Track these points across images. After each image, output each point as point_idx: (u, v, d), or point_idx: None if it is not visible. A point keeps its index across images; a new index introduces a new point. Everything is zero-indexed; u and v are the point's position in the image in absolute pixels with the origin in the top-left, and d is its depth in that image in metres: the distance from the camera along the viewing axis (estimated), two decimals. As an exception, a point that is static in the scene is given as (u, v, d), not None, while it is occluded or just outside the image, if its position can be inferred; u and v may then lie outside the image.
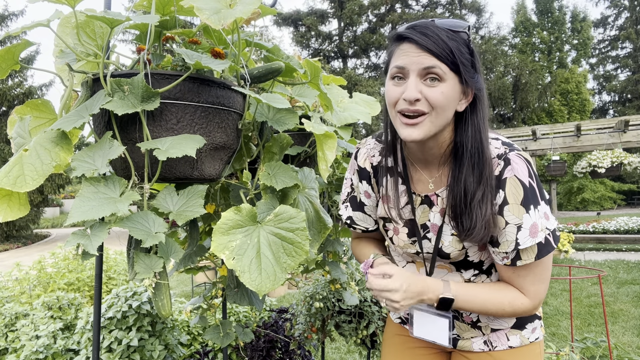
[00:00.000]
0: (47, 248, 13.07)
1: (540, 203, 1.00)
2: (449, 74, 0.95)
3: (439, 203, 1.09)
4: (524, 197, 0.98)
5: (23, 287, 4.23)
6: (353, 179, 1.24)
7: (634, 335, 4.18)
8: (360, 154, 1.23)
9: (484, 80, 1.04)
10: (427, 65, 0.94)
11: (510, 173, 0.98)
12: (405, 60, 0.96)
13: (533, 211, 0.98)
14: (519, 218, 0.98)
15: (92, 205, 0.88)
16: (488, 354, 1.16)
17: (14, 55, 1.04)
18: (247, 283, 0.96)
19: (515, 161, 0.99)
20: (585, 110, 28.03)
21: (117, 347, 2.25)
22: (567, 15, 31.64)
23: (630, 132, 9.60)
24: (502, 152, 1.01)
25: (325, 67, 22.03)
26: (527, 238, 0.98)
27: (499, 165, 1.00)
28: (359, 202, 1.23)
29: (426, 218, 1.11)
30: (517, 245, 0.98)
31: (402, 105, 0.98)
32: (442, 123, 0.98)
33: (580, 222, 13.80)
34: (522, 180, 0.98)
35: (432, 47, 0.93)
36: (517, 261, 1.01)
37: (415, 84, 0.95)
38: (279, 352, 2.61)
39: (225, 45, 1.19)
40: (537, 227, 0.98)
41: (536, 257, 1.00)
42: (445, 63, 0.94)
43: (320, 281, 2.30)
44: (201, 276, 5.95)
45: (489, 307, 1.05)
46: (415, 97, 0.95)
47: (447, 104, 0.96)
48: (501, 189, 0.99)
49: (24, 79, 17.50)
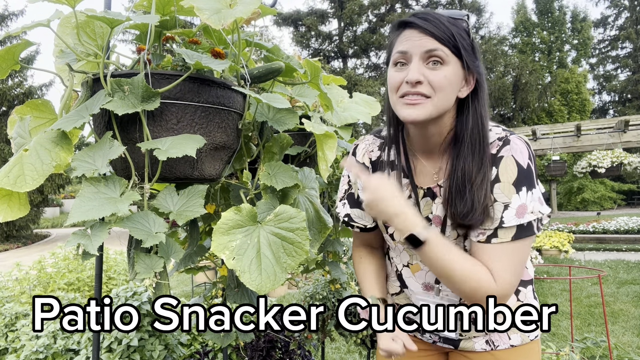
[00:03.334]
0: (47, 248, 13.06)
1: (536, 187, 0.99)
2: (451, 57, 0.96)
3: (441, 194, 1.09)
4: (517, 177, 0.98)
5: (23, 287, 4.23)
6: (350, 175, 1.23)
7: (634, 335, 4.18)
8: (358, 150, 1.23)
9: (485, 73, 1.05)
10: (429, 48, 0.95)
11: (508, 153, 0.99)
12: (408, 44, 0.97)
13: (525, 193, 0.97)
14: (508, 197, 0.97)
15: (93, 205, 0.88)
16: (490, 353, 1.15)
17: (14, 55, 1.04)
18: (247, 283, 0.96)
19: (515, 142, 1.00)
20: (585, 110, 28.03)
21: (117, 347, 2.25)
22: (567, 15, 31.63)
23: (630, 132, 9.59)
24: (503, 135, 1.02)
25: (325, 67, 22.03)
26: (513, 217, 0.97)
27: (497, 145, 1.01)
28: (356, 198, 1.22)
29: (429, 211, 1.11)
30: (502, 223, 0.97)
31: (404, 89, 0.98)
32: (443, 106, 0.99)
33: (580, 222, 13.80)
34: (519, 161, 0.98)
35: (434, 30, 0.95)
36: (492, 238, 0.99)
37: (418, 66, 0.96)
38: (279, 352, 2.61)
39: (225, 45, 1.19)
40: (526, 208, 0.97)
41: (513, 237, 0.97)
42: (447, 46, 0.95)
43: (320, 281, 2.31)
44: (201, 276, 5.95)
45: (454, 272, 0.97)
46: (418, 79, 0.96)
47: (449, 87, 0.97)
48: (495, 166, 1.00)
49: (24, 79, 17.49)
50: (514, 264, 0.99)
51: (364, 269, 1.27)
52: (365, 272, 1.26)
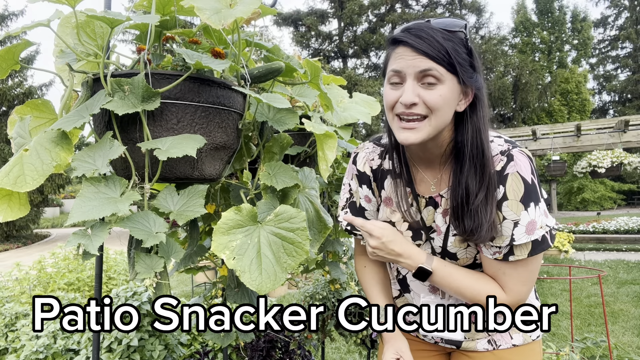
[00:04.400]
0: (47, 248, 13.06)
1: (541, 200, 0.99)
2: (447, 75, 0.94)
3: (442, 204, 1.09)
4: (525, 194, 0.97)
5: (23, 287, 4.23)
6: (351, 184, 1.22)
7: (634, 335, 4.18)
8: (359, 158, 1.21)
9: (484, 79, 1.04)
10: (423, 68, 0.93)
11: (513, 169, 0.98)
12: (402, 64, 0.95)
13: (532, 208, 0.97)
14: (517, 214, 0.97)
15: (93, 205, 0.88)
16: (492, 353, 1.16)
17: (14, 55, 1.04)
18: (248, 283, 0.96)
19: (518, 157, 0.99)
20: (585, 110, 28.02)
21: (117, 347, 2.25)
22: (567, 15, 31.63)
23: (630, 132, 9.60)
24: (505, 148, 1.01)
25: (325, 67, 22.02)
26: (523, 235, 0.97)
27: (502, 162, 0.99)
28: (358, 207, 1.21)
29: (432, 220, 1.11)
30: (512, 241, 0.98)
31: (399, 109, 0.97)
32: (440, 125, 0.98)
33: (580, 222, 13.80)
34: (524, 177, 0.97)
35: (428, 49, 0.92)
36: (509, 256, 1.00)
37: (412, 87, 0.94)
38: (279, 352, 2.61)
39: (225, 45, 1.19)
40: (535, 224, 0.97)
41: (529, 253, 0.99)
42: (442, 65, 0.93)
43: (320, 281, 2.31)
44: (201, 276, 5.94)
45: (465, 293, 1.06)
46: (412, 102, 0.94)
47: (445, 106, 0.96)
48: (501, 184, 0.99)
49: (24, 79, 17.49)
50: (527, 276, 1.03)
51: (369, 277, 1.27)
52: (371, 281, 1.27)
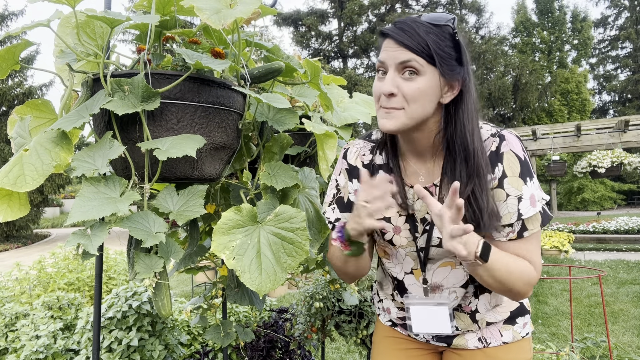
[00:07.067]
0: (47, 248, 13.07)
1: (534, 176, 1.04)
2: (427, 67, 0.97)
3: (436, 193, 1.09)
4: (521, 170, 1.02)
5: (23, 287, 4.23)
6: (339, 179, 1.21)
7: (634, 335, 4.18)
8: (350, 153, 1.21)
9: (473, 72, 1.06)
10: (402, 60, 0.97)
11: (507, 147, 1.03)
12: (384, 55, 1.00)
13: (529, 182, 1.02)
14: (519, 189, 1.01)
15: (93, 205, 0.88)
16: (482, 351, 1.16)
17: (14, 55, 1.04)
18: (248, 283, 0.96)
19: (509, 137, 1.04)
20: (586, 110, 28.03)
21: (117, 347, 2.25)
22: (568, 15, 31.63)
23: (630, 132, 9.60)
24: (495, 131, 1.06)
25: (325, 67, 22.05)
26: (529, 207, 1.01)
27: (495, 142, 1.04)
28: (346, 203, 1.20)
29: (425, 211, 1.11)
30: (520, 215, 1.01)
31: (382, 100, 1.01)
32: (419, 116, 1.00)
33: (580, 222, 13.79)
34: (518, 154, 1.03)
35: (407, 41, 0.96)
36: (524, 232, 1.03)
37: (392, 78, 0.98)
38: (279, 352, 2.62)
39: (225, 45, 1.19)
40: (535, 197, 1.02)
41: (541, 224, 1.03)
42: (421, 56, 0.96)
43: (320, 281, 2.31)
44: (201, 276, 5.95)
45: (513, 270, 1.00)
46: (390, 91, 0.98)
47: (423, 98, 0.98)
48: (500, 162, 1.03)
49: (24, 79, 17.51)
50: (539, 248, 1.06)
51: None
52: None
